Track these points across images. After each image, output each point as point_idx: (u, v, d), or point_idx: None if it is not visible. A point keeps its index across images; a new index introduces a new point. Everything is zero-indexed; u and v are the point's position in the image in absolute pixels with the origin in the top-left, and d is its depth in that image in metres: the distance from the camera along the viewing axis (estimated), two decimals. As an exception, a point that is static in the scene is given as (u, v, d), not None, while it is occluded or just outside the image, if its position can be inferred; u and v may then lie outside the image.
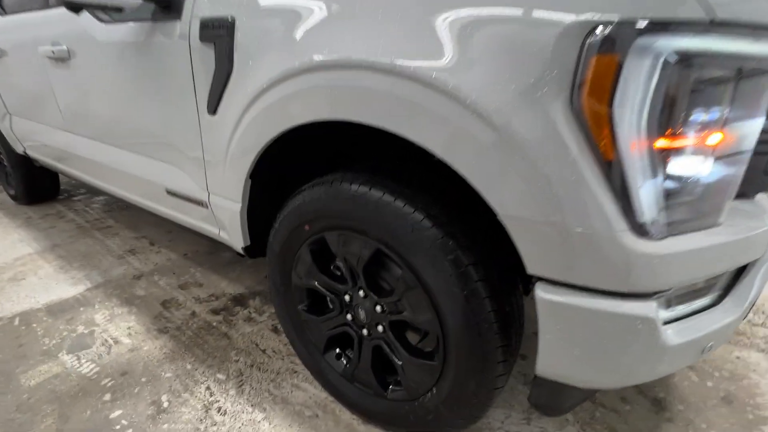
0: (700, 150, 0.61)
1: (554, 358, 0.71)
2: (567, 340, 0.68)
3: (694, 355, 0.73)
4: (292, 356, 1.34)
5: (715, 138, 0.61)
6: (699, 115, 0.59)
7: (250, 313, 1.57)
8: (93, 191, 2.93)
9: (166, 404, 1.15)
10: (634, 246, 0.60)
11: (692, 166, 0.61)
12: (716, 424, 1.10)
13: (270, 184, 1.11)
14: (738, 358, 1.34)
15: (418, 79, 0.66)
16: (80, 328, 1.48)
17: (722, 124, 0.60)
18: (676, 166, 0.60)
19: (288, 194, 1.03)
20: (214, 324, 1.50)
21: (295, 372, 1.27)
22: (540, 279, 0.68)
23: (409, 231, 0.78)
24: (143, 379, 1.24)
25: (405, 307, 0.87)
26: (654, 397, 1.18)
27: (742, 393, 1.20)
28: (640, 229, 0.60)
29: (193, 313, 1.56)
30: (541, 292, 0.67)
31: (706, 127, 0.59)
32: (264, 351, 1.36)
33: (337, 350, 1.11)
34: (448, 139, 0.66)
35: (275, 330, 1.47)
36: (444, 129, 0.66)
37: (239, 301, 1.65)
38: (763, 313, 1.53)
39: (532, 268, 0.67)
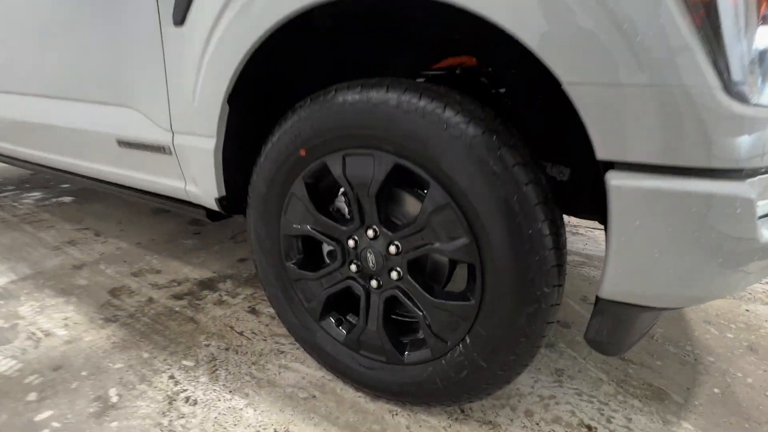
0: None
1: (629, 268, 0.58)
2: (647, 239, 0.56)
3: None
4: (276, 336, 1.12)
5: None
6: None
7: (221, 296, 1.33)
8: (23, 188, 2.53)
9: (115, 399, 0.90)
10: (730, 109, 0.49)
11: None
12: (750, 372, 1.02)
13: (251, 113, 0.92)
14: (747, 311, 1.30)
15: None
16: (-2, 323, 1.18)
17: None
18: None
19: (271, 128, 0.85)
20: (177, 309, 1.25)
21: (282, 352, 1.06)
22: (613, 166, 0.56)
23: (441, 131, 0.64)
24: (83, 373, 0.97)
25: (429, 237, 0.72)
26: (682, 351, 1.09)
27: (764, 342, 1.15)
28: (735, 91, 0.49)
29: (150, 300, 1.30)
30: (617, 180, 0.55)
31: None
32: (241, 333, 1.13)
33: (336, 317, 0.92)
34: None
35: (253, 311, 1.24)
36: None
37: (207, 285, 1.40)
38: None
39: (603, 150, 0.55)
